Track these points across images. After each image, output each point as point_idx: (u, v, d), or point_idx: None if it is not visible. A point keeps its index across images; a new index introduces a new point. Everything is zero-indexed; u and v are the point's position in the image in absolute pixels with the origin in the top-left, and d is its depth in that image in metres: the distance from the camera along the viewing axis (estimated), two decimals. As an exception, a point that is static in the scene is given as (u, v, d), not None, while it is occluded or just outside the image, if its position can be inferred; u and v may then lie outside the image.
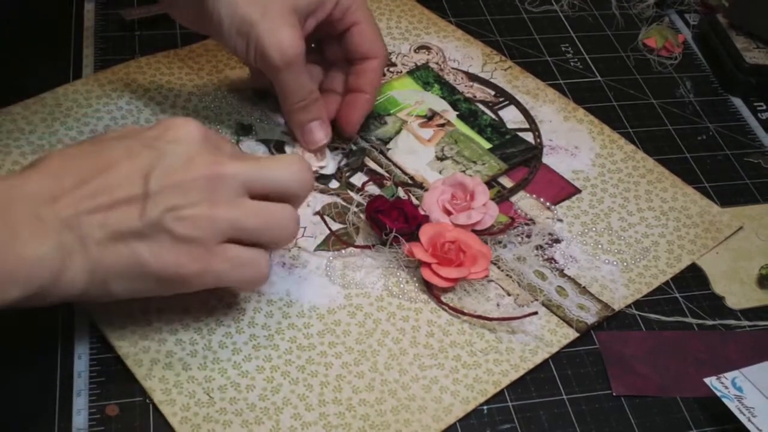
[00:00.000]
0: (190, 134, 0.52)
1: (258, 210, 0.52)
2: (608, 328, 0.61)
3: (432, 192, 0.65)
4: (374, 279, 0.61)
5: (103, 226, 0.49)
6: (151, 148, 0.51)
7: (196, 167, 0.51)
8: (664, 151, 0.74)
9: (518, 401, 0.56)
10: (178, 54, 0.76)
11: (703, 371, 0.57)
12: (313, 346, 0.57)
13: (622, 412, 0.56)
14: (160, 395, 0.53)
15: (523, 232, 0.65)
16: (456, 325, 0.59)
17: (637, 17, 0.87)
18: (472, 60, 0.79)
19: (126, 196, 0.49)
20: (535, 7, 0.87)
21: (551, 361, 0.58)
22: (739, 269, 0.65)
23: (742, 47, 0.80)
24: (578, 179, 0.70)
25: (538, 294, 0.61)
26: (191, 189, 0.50)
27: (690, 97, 0.80)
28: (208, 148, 0.52)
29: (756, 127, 0.77)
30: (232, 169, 0.51)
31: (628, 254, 0.65)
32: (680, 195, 0.70)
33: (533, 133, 0.73)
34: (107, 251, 0.49)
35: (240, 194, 0.52)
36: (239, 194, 0.52)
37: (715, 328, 0.62)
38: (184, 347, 0.56)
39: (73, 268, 0.49)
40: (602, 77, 0.80)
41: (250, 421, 0.53)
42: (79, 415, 0.53)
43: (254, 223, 0.52)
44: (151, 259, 0.50)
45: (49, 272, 0.48)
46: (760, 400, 0.54)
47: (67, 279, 0.49)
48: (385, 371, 0.56)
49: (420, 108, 0.74)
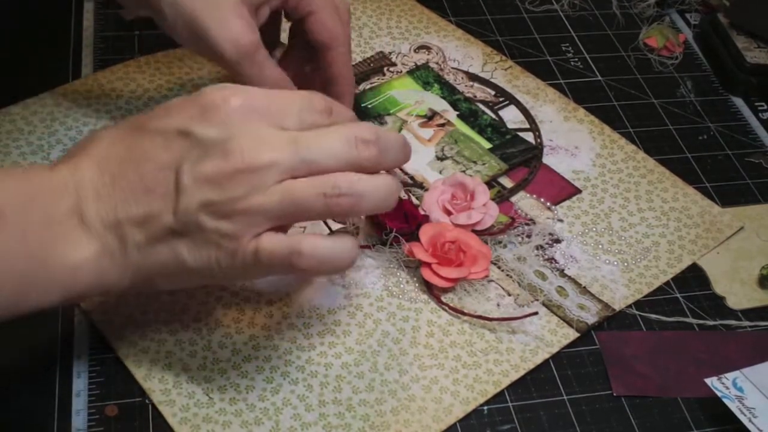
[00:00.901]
0: (229, 113, 0.47)
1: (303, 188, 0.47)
2: (609, 328, 0.61)
3: (432, 192, 0.64)
4: (374, 279, 0.61)
5: (141, 226, 0.47)
6: (185, 136, 0.47)
7: (230, 157, 0.46)
8: (664, 151, 0.74)
9: (518, 401, 0.56)
10: (177, 54, 0.76)
11: (704, 371, 0.57)
12: (312, 346, 0.57)
13: (622, 413, 0.56)
14: (160, 396, 0.53)
15: (524, 232, 0.65)
16: (456, 326, 0.59)
17: (638, 17, 0.87)
18: (472, 60, 0.79)
19: (161, 192, 0.47)
20: (535, 7, 0.87)
21: (551, 362, 0.58)
22: (740, 269, 0.65)
23: (743, 47, 0.80)
24: (578, 179, 0.70)
25: (538, 294, 0.61)
26: (223, 182, 0.46)
27: (691, 97, 0.80)
28: (253, 124, 0.47)
29: (757, 127, 0.77)
30: (268, 158, 0.46)
31: (629, 254, 0.65)
32: (681, 195, 0.70)
33: (533, 133, 0.73)
34: (148, 252, 0.48)
35: (282, 179, 0.47)
36: (280, 179, 0.47)
37: (716, 328, 0.62)
38: (183, 348, 0.56)
39: (116, 271, 0.48)
40: (603, 77, 0.80)
41: (249, 422, 0.53)
42: (79, 416, 0.52)
43: (291, 208, 0.47)
44: (189, 258, 0.47)
45: (93, 277, 0.47)
46: (761, 401, 0.54)
47: (110, 281, 0.48)
48: (385, 371, 0.56)
49: (420, 108, 0.74)
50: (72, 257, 0.46)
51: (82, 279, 0.47)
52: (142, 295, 0.58)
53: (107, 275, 0.48)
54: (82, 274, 0.47)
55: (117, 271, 0.48)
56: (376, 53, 0.78)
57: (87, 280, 0.47)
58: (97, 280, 0.48)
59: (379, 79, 0.76)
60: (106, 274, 0.48)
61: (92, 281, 0.47)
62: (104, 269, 0.48)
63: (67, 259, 0.46)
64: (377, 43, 0.79)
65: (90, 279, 0.47)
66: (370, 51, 0.79)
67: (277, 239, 0.48)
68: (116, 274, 0.48)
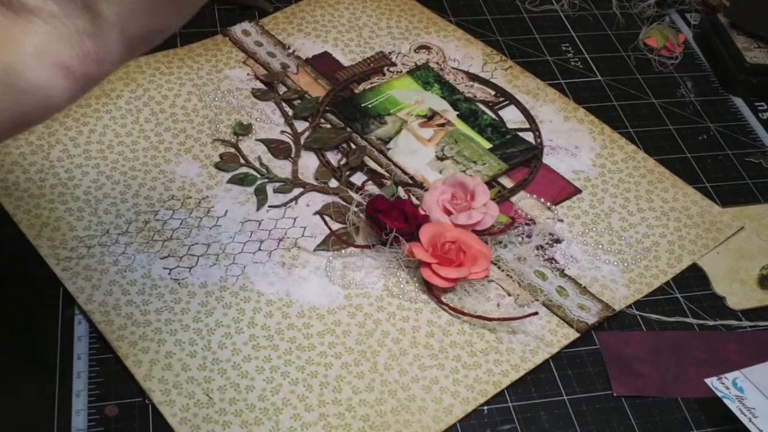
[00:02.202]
0: None
1: None
2: (609, 329, 0.61)
3: (432, 192, 0.64)
4: (374, 279, 0.61)
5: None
6: None
7: None
8: (664, 151, 0.74)
9: (519, 401, 0.56)
10: (177, 54, 0.75)
11: (704, 371, 0.57)
12: (312, 346, 0.57)
13: (622, 413, 0.56)
14: (160, 396, 0.53)
15: (524, 232, 0.65)
16: (456, 326, 0.59)
17: (638, 17, 0.87)
18: (472, 60, 0.79)
19: None
20: (535, 7, 0.87)
21: (552, 362, 0.58)
22: (740, 269, 0.65)
23: (742, 47, 0.80)
24: (579, 179, 0.70)
25: (538, 294, 0.61)
26: None
27: (691, 97, 0.80)
28: None
29: (757, 127, 0.77)
30: None
31: (629, 254, 0.65)
32: (681, 195, 0.70)
33: (533, 133, 0.73)
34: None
35: None
36: None
37: (716, 328, 0.62)
38: (183, 348, 0.56)
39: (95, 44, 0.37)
40: (603, 77, 0.80)
41: (249, 422, 0.53)
42: (79, 416, 0.52)
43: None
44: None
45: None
46: (761, 401, 0.54)
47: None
48: (385, 372, 0.56)
49: (420, 108, 0.74)
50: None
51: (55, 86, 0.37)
52: (142, 294, 0.58)
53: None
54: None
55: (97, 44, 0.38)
56: (376, 53, 0.78)
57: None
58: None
59: (379, 79, 0.76)
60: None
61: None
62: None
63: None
64: (377, 43, 0.79)
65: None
66: (370, 51, 0.79)
67: None
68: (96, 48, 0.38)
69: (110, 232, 0.61)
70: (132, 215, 0.63)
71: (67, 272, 0.59)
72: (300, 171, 0.68)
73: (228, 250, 0.62)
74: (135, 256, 0.60)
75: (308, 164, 0.68)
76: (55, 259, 0.59)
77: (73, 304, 0.58)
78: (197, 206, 0.64)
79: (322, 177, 0.67)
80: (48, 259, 0.59)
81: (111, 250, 0.61)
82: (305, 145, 0.70)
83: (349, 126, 0.71)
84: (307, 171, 0.68)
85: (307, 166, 0.68)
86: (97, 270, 0.59)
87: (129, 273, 0.59)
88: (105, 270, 0.59)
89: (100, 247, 0.61)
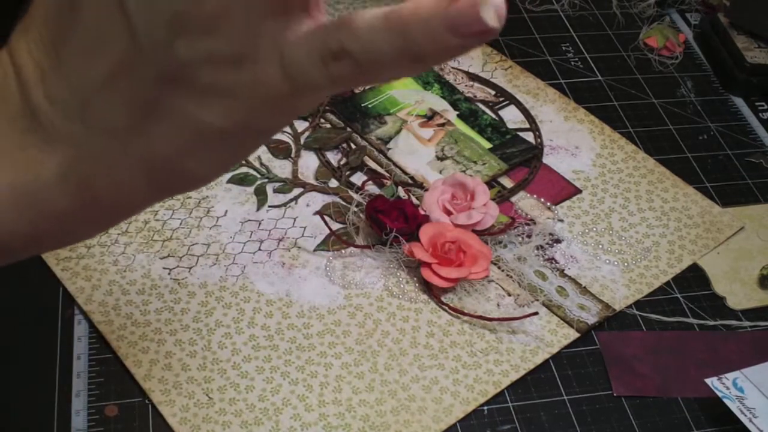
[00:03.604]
0: None
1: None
2: (609, 329, 0.61)
3: (432, 192, 0.64)
4: (374, 279, 0.61)
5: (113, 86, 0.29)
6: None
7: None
8: (664, 151, 0.74)
9: (519, 402, 0.56)
10: (177, 53, 0.75)
11: (704, 371, 0.57)
12: (312, 346, 0.57)
13: (622, 413, 0.56)
14: (160, 396, 0.53)
15: (524, 232, 0.65)
16: (456, 326, 0.59)
17: (638, 16, 0.87)
18: (472, 59, 0.79)
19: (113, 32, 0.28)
20: (535, 7, 0.87)
21: (552, 362, 0.58)
22: (740, 269, 0.65)
23: (743, 47, 0.80)
24: (579, 179, 0.70)
25: (538, 294, 0.61)
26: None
27: (691, 97, 0.80)
28: None
29: (757, 127, 0.77)
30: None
31: (629, 254, 0.65)
32: (681, 195, 0.70)
33: (533, 132, 0.73)
34: (141, 129, 0.30)
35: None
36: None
37: (716, 328, 0.62)
38: (183, 348, 0.56)
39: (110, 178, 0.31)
40: (603, 77, 0.80)
41: (249, 422, 0.53)
42: (78, 416, 0.52)
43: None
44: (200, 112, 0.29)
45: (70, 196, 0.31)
46: (761, 401, 0.54)
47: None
48: (385, 372, 0.56)
49: (420, 107, 0.74)
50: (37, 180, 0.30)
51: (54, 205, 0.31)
52: (142, 294, 0.58)
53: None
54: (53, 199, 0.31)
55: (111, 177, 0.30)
56: (376, 53, 0.78)
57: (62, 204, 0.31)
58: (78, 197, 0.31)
59: (379, 78, 0.76)
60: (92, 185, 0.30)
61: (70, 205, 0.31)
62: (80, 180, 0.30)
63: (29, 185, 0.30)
64: (377, 43, 0.79)
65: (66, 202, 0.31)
66: (370, 51, 0.78)
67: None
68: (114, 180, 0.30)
69: (110, 231, 0.61)
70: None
71: (66, 272, 0.59)
72: (300, 171, 0.68)
73: (228, 250, 0.62)
74: (135, 255, 0.60)
75: (308, 164, 0.68)
76: (55, 259, 0.59)
77: (72, 304, 0.58)
78: (197, 206, 0.64)
79: (322, 177, 0.67)
80: (48, 259, 0.59)
81: (110, 250, 0.61)
82: (305, 145, 0.70)
83: (349, 126, 0.71)
84: (307, 171, 0.68)
85: (307, 166, 0.68)
86: (96, 270, 0.59)
87: (129, 273, 0.59)
88: (105, 270, 0.59)
89: (99, 247, 0.61)
